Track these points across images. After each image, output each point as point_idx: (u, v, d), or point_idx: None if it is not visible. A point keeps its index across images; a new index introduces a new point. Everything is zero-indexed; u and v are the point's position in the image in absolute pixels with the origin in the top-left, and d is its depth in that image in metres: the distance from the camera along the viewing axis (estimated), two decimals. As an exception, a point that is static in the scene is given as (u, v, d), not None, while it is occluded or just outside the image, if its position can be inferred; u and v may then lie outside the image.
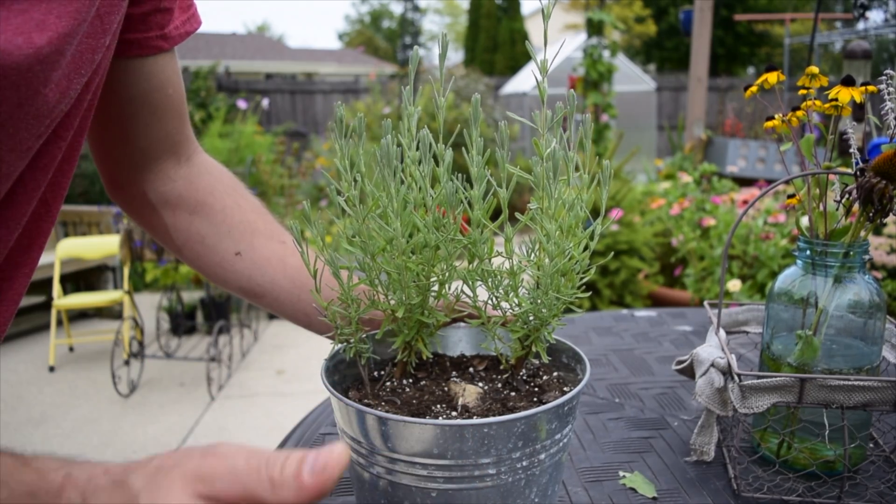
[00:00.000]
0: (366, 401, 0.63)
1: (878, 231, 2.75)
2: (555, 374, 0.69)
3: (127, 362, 3.69)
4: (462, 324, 0.72)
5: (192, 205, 0.78)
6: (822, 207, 0.76)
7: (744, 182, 5.85)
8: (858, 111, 2.06)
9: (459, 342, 0.76)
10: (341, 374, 0.68)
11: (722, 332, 0.82)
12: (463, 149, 0.62)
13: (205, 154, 0.83)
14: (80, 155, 0.62)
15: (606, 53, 5.60)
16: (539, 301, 0.61)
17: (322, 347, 0.68)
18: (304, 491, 0.34)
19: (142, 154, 0.76)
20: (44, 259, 3.87)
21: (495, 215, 0.63)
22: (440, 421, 0.55)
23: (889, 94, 0.73)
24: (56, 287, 3.93)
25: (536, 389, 0.65)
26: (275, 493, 0.35)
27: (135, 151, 0.75)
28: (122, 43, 0.65)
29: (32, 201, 0.57)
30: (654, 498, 0.73)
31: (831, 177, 0.78)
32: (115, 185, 0.79)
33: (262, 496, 0.35)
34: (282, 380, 3.78)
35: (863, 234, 0.74)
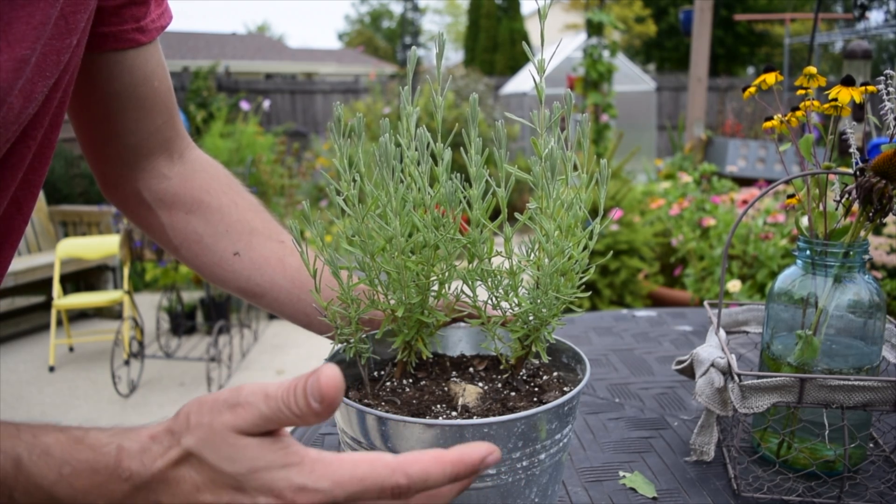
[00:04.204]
0: (366, 401, 0.63)
1: (877, 231, 2.75)
2: (555, 374, 0.69)
3: (127, 362, 3.69)
4: (462, 324, 0.72)
5: (188, 203, 0.78)
6: (821, 207, 0.76)
7: (744, 182, 5.85)
8: (858, 111, 2.06)
9: (459, 342, 0.76)
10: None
11: (722, 332, 0.82)
12: (461, 148, 0.62)
13: (199, 151, 0.82)
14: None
15: (606, 53, 5.59)
16: (539, 301, 0.61)
17: (322, 347, 0.68)
18: (321, 416, 0.42)
19: (133, 151, 0.75)
20: (44, 259, 3.84)
21: (495, 215, 0.63)
22: (440, 421, 0.55)
23: (888, 94, 0.73)
24: (56, 287, 3.93)
25: (536, 389, 0.65)
26: (300, 421, 0.42)
27: (126, 149, 0.75)
28: (98, 36, 0.65)
29: (2, 202, 0.57)
30: (654, 498, 0.73)
31: (831, 177, 0.78)
32: (109, 184, 0.79)
33: (291, 423, 0.42)
34: (282, 380, 3.78)
35: (862, 233, 0.74)
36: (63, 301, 3.90)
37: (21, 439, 0.42)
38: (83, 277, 4.86)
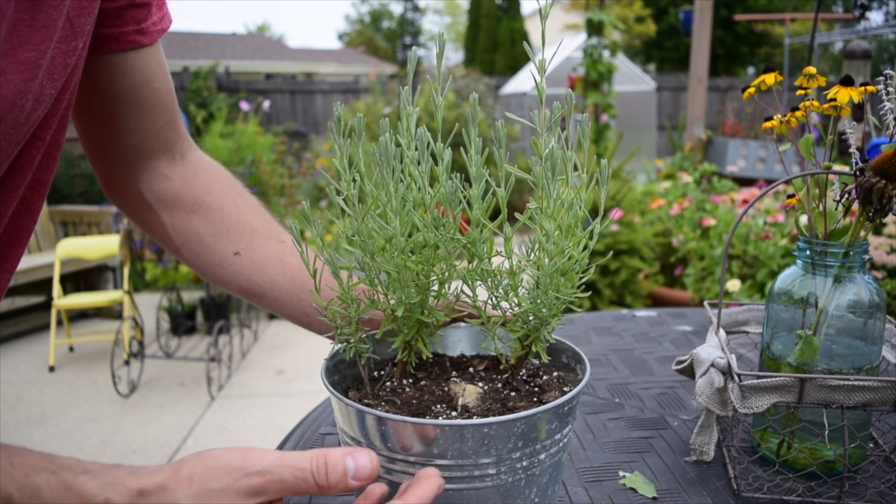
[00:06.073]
0: (366, 401, 0.63)
1: (877, 231, 2.75)
2: (555, 374, 0.69)
3: (127, 362, 3.69)
4: (462, 324, 0.72)
5: (189, 204, 0.78)
6: (821, 207, 0.76)
7: (744, 182, 5.85)
8: (858, 111, 2.06)
9: (459, 342, 0.76)
10: (341, 374, 0.68)
11: (722, 332, 0.82)
12: (461, 148, 0.62)
13: (200, 152, 0.82)
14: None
15: (606, 53, 5.59)
16: (539, 301, 0.61)
17: (322, 347, 0.68)
18: (346, 490, 0.47)
19: (134, 152, 0.75)
20: (44, 259, 3.84)
21: (495, 215, 0.63)
22: (440, 421, 0.55)
23: (888, 94, 0.73)
24: (56, 287, 3.93)
25: (536, 389, 0.65)
26: (323, 492, 0.47)
27: (127, 150, 0.75)
28: (99, 38, 0.65)
29: (12, 202, 0.57)
30: (654, 498, 0.73)
31: (831, 177, 0.78)
32: (110, 185, 0.79)
33: (311, 493, 0.47)
34: (282, 380, 3.78)
35: (862, 233, 0.74)
36: (63, 301, 3.90)
37: (14, 477, 0.43)
38: (83, 277, 4.86)
